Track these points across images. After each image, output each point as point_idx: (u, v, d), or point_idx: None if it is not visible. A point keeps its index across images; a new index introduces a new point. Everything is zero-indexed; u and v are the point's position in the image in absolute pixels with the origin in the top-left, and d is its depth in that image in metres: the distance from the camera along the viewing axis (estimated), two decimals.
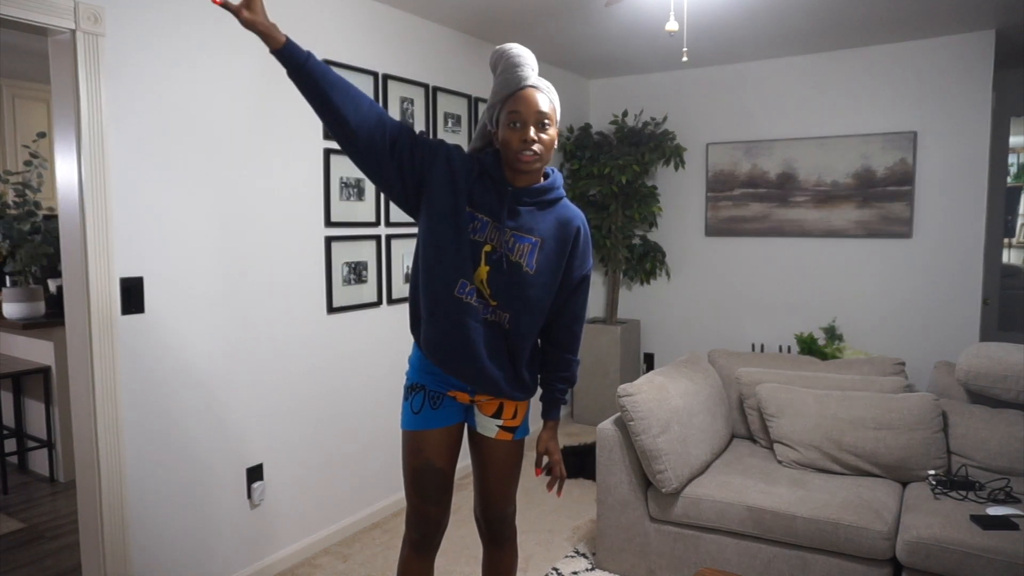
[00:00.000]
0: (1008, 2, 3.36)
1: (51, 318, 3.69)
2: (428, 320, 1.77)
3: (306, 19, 2.90)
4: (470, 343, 1.74)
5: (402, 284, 3.48)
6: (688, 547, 2.64)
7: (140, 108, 2.31)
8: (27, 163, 3.59)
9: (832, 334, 4.15)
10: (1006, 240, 5.27)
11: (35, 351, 3.94)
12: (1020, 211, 6.88)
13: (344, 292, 3.15)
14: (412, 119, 3.48)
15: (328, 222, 3.05)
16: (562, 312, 1.87)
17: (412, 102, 3.47)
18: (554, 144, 1.73)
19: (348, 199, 3.15)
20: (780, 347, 4.57)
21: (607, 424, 2.81)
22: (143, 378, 2.36)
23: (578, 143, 4.81)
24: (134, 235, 2.31)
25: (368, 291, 3.28)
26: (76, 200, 2.19)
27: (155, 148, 2.36)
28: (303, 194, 2.93)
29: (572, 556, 2.95)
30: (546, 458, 2.08)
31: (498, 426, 1.88)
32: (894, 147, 4.14)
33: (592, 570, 2.83)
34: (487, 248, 1.73)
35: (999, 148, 4.70)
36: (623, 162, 4.55)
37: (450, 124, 3.74)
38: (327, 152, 3.02)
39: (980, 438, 2.71)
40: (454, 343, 1.75)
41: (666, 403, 2.69)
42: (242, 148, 2.67)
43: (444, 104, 3.69)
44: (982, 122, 3.92)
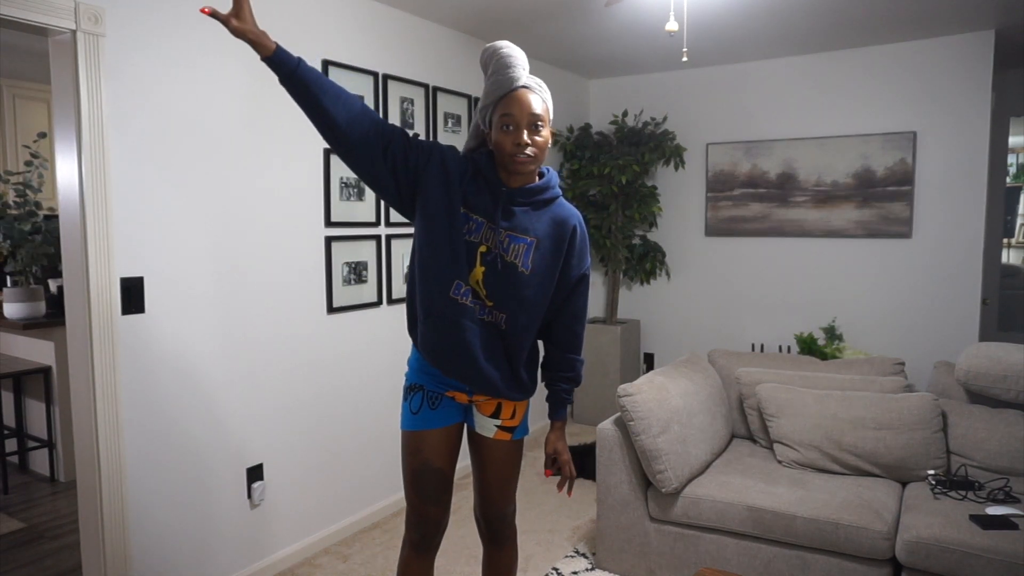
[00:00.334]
0: (1008, 2, 3.36)
1: (51, 318, 3.69)
2: (424, 321, 1.77)
3: (306, 19, 2.90)
4: (466, 344, 1.74)
5: (402, 284, 3.48)
6: (688, 547, 2.64)
7: (140, 108, 2.31)
8: (28, 163, 3.60)
9: (832, 334, 4.16)
10: (1005, 240, 5.28)
11: (35, 351, 3.94)
12: (1019, 211, 6.89)
13: (344, 292, 3.15)
14: (412, 119, 3.48)
15: (328, 222, 3.05)
16: (562, 312, 1.88)
17: (412, 102, 3.47)
18: (548, 144, 1.74)
19: (348, 199, 3.15)
20: (780, 347, 4.57)
21: (607, 424, 2.81)
22: (143, 378, 2.36)
23: (578, 143, 4.81)
24: (134, 235, 2.32)
25: (368, 291, 3.28)
26: (77, 200, 2.19)
27: (155, 148, 2.37)
28: (303, 194, 2.94)
29: (572, 556, 2.95)
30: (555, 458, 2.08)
31: (496, 426, 1.89)
32: (894, 147, 4.14)
33: (592, 570, 2.83)
34: (482, 249, 1.73)
35: (998, 148, 4.69)
36: (623, 162, 4.55)
37: (450, 124, 3.74)
38: (327, 152, 3.02)
39: (980, 438, 2.71)
40: (451, 344, 1.75)
41: (666, 403, 2.69)
42: (242, 148, 2.67)
43: (444, 104, 3.69)
44: (981, 122, 3.92)
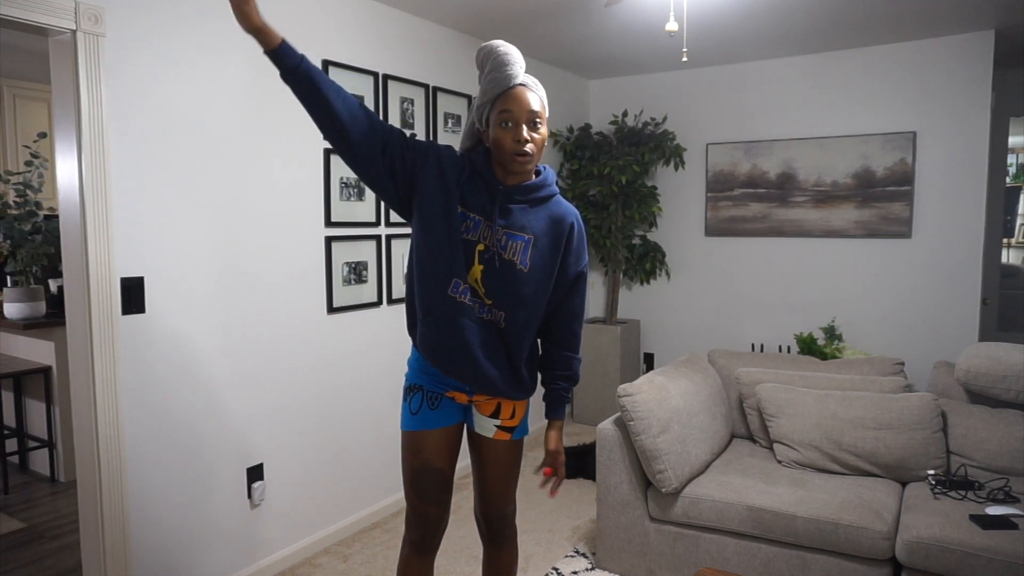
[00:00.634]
0: (1008, 2, 3.36)
1: (52, 318, 3.69)
2: (423, 320, 1.77)
3: (306, 19, 2.90)
4: (465, 342, 1.74)
5: (402, 284, 3.48)
6: (688, 547, 2.64)
7: (140, 108, 2.31)
8: (28, 163, 3.60)
9: (832, 334, 4.16)
10: (1005, 240, 5.28)
11: (36, 351, 3.94)
12: (1019, 211, 6.89)
13: (344, 292, 3.15)
14: (412, 119, 3.48)
15: (328, 222, 3.05)
16: (560, 310, 1.88)
17: (412, 102, 3.47)
18: (545, 142, 1.74)
19: (348, 199, 3.15)
20: (780, 347, 4.57)
21: (607, 424, 2.81)
22: (144, 378, 2.37)
23: (578, 143, 4.81)
24: (134, 235, 2.32)
25: (368, 291, 3.28)
26: (77, 200, 2.19)
27: (156, 148, 2.37)
28: (303, 194, 2.94)
29: (572, 556, 2.95)
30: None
31: (496, 426, 1.89)
32: (894, 147, 4.14)
33: (592, 570, 2.83)
34: (480, 247, 1.73)
35: (998, 148, 4.69)
36: (623, 162, 4.55)
37: (450, 124, 3.74)
38: (327, 152, 3.02)
39: (979, 438, 2.71)
40: (450, 343, 1.75)
41: (666, 403, 2.69)
42: (242, 148, 2.67)
43: (444, 104, 3.69)
44: (981, 122, 3.92)
